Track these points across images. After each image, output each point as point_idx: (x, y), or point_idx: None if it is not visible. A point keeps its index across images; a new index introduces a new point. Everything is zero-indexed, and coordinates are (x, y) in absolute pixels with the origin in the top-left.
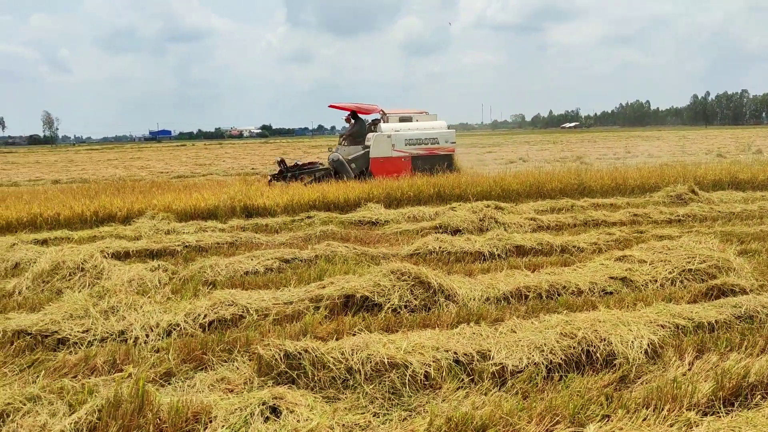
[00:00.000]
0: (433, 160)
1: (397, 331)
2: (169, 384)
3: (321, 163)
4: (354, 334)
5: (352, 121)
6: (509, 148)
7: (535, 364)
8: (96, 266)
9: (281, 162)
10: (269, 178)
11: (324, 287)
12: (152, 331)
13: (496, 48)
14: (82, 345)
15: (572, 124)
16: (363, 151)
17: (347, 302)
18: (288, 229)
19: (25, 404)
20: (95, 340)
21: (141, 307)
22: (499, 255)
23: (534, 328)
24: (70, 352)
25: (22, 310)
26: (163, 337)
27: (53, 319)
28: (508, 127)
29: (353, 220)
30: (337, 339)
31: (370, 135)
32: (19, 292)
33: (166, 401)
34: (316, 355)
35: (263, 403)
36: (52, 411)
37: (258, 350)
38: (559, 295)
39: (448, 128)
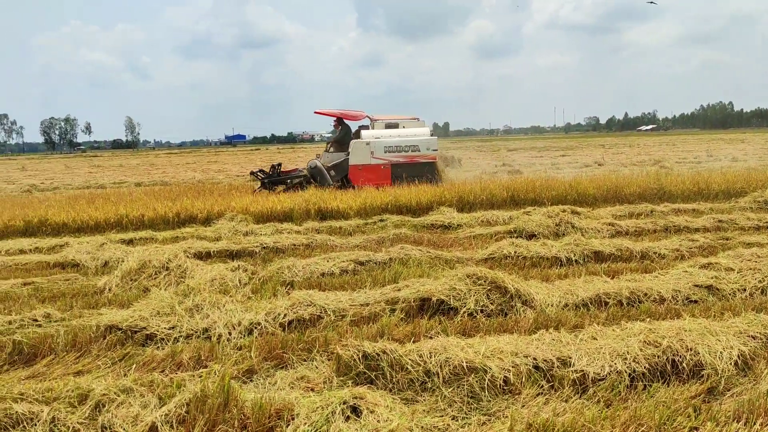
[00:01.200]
0: (414, 168)
1: (473, 335)
2: (251, 381)
3: (303, 170)
4: (431, 337)
5: (340, 127)
6: (583, 152)
7: (617, 372)
8: (180, 266)
9: (261, 171)
10: (256, 188)
11: (399, 290)
12: (234, 329)
13: (569, 49)
14: (168, 341)
15: (649, 127)
16: (343, 158)
17: (423, 305)
18: (361, 231)
19: (119, 395)
20: (181, 336)
21: (224, 305)
22: (576, 260)
23: (615, 336)
24: (158, 347)
25: (112, 306)
26: (244, 335)
27: (142, 316)
28: (581, 130)
29: (425, 224)
30: (414, 342)
31: (351, 142)
32: (109, 289)
33: (249, 397)
34: (394, 357)
35: (344, 403)
36: (143, 403)
37: (337, 350)
38: (640, 302)
39: (431, 135)
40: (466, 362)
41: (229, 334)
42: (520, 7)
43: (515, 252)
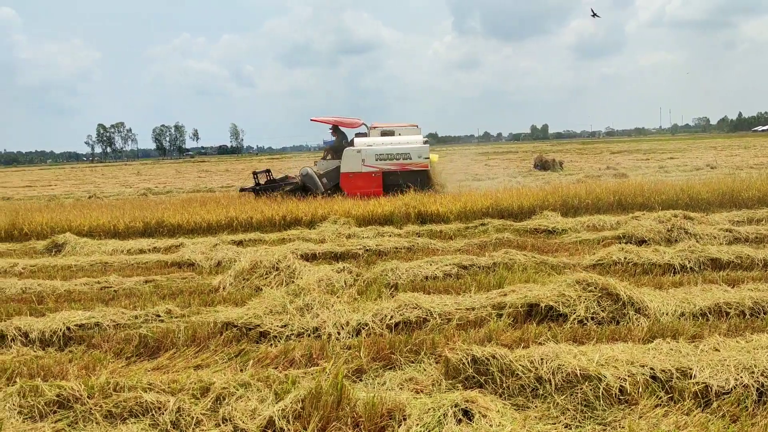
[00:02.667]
0: (406, 176)
1: (584, 342)
2: (360, 380)
3: (295, 177)
4: (540, 344)
5: (336, 135)
6: (693, 154)
7: (744, 386)
8: (289, 266)
9: (255, 175)
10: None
11: (505, 295)
12: (343, 329)
13: (676, 47)
14: (281, 339)
15: (766, 127)
16: (336, 166)
17: (530, 311)
18: (462, 235)
19: (238, 389)
20: (292, 334)
21: (332, 306)
22: (691, 268)
23: (740, 348)
24: (271, 344)
25: (227, 304)
26: (352, 336)
27: (255, 314)
28: (689, 131)
29: (528, 228)
30: (523, 347)
31: (344, 150)
32: (224, 288)
33: (361, 396)
34: (504, 362)
35: (455, 406)
36: (261, 397)
37: (445, 353)
38: (765, 313)
39: (424, 143)
40: (580, 370)
41: (338, 333)
42: (599, 16)
43: (625, 258)
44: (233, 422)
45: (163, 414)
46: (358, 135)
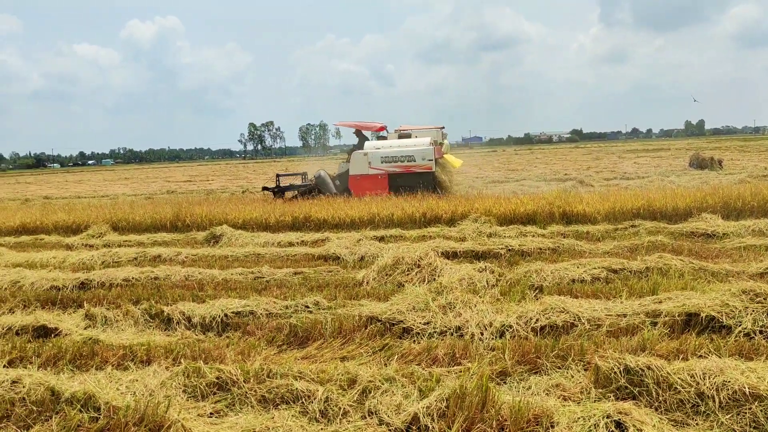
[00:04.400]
0: (411, 178)
1: (752, 358)
2: (504, 383)
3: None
4: (701, 356)
5: (360, 138)
6: None
7: None
8: (430, 264)
9: (278, 177)
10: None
11: (660, 302)
12: (486, 329)
13: None
14: (423, 336)
15: None
16: (347, 168)
17: (689, 321)
18: (611, 237)
19: (383, 384)
20: (435, 332)
21: (474, 305)
22: None
23: None
24: (414, 341)
25: (371, 299)
26: (496, 337)
27: (399, 310)
28: None
29: (684, 232)
30: (682, 359)
31: (353, 153)
32: (367, 282)
33: (506, 400)
34: (660, 374)
35: (607, 417)
36: (405, 393)
37: (595, 361)
38: None
39: (429, 145)
40: (749, 388)
41: (481, 334)
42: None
43: None
44: (378, 416)
45: (312, 402)
46: (379, 138)
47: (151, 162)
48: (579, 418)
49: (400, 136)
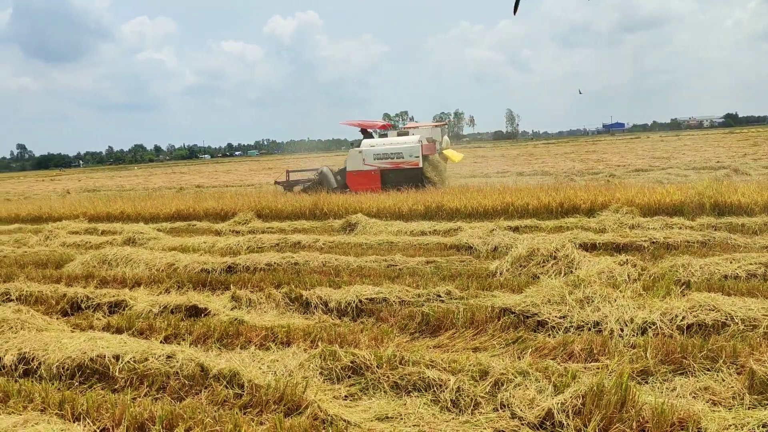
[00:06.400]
0: (400, 174)
1: None
2: (646, 383)
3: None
4: None
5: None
6: None
7: None
8: (567, 255)
9: (288, 173)
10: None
11: None
12: (626, 326)
13: None
14: (559, 330)
15: None
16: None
17: None
18: None
19: (516, 377)
20: (571, 327)
21: (614, 300)
22: None
23: None
24: (549, 335)
25: (504, 290)
26: (637, 334)
27: (533, 302)
28: None
29: None
30: None
31: (349, 150)
32: (500, 273)
33: (648, 400)
34: None
35: (763, 425)
36: (539, 388)
37: (750, 365)
38: None
39: (417, 143)
40: None
41: (621, 330)
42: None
43: None
44: (511, 409)
45: (443, 391)
46: (381, 135)
47: (292, 152)
48: (730, 426)
49: (399, 134)
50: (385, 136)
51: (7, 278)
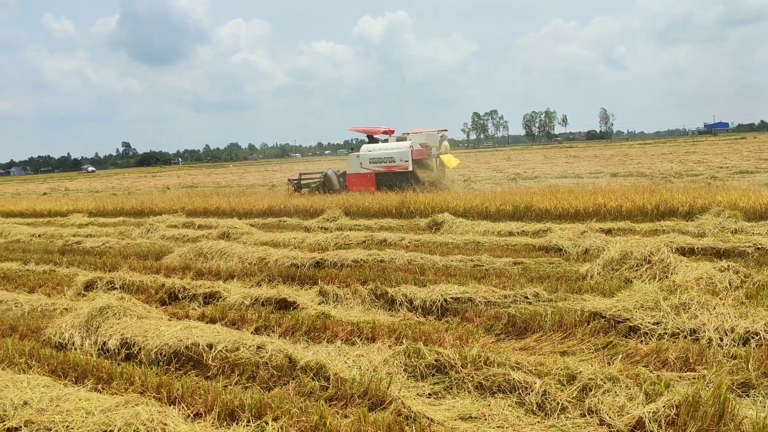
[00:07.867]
0: (393, 177)
1: None
2: (747, 396)
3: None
4: None
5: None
6: None
7: None
8: (662, 260)
9: (300, 175)
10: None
11: None
12: (727, 335)
13: None
14: (652, 336)
15: None
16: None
17: None
18: None
19: (605, 383)
20: (665, 333)
21: (713, 307)
22: None
23: None
24: (641, 341)
25: (594, 294)
26: (738, 344)
27: (625, 307)
28: None
29: None
30: None
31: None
32: (591, 276)
33: (749, 414)
34: None
35: None
36: (629, 395)
37: None
38: None
39: (408, 148)
40: None
41: (720, 339)
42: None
43: None
44: (599, 415)
45: (529, 394)
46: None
47: None
48: None
49: (398, 139)
50: (386, 141)
51: (112, 268)
